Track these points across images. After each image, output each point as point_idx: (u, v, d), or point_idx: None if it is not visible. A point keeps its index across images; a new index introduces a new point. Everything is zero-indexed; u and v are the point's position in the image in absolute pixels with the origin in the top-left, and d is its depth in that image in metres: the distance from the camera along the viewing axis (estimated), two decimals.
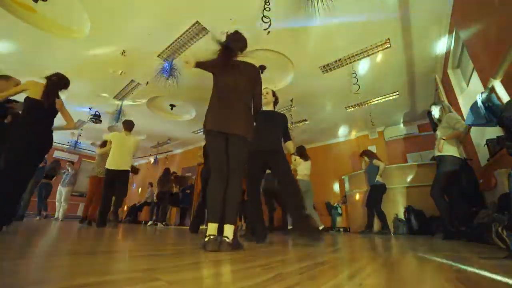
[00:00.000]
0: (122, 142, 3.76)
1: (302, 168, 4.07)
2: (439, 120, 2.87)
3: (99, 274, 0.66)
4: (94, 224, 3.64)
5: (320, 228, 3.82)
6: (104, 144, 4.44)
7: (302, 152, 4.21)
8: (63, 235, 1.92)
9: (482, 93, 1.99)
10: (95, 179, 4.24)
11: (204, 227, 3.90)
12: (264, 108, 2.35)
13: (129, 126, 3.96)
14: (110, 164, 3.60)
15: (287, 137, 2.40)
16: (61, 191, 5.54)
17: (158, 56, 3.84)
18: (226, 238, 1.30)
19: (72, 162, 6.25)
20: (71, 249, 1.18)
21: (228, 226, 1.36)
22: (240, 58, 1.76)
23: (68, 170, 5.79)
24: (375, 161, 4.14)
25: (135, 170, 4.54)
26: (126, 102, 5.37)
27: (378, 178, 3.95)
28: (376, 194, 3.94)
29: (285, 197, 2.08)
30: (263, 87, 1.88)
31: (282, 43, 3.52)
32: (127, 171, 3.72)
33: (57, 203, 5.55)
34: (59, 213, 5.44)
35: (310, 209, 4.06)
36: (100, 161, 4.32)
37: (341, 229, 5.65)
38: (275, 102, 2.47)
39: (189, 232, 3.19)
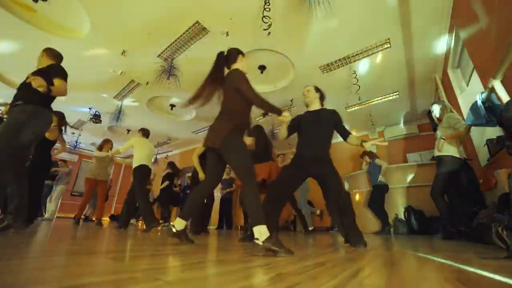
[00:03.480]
0: (147, 145, 3.75)
1: None
2: (439, 119, 2.87)
3: (99, 274, 0.66)
4: (87, 223, 3.63)
5: (310, 229, 3.80)
6: (100, 148, 4.44)
7: None
8: (63, 235, 1.92)
9: (482, 93, 1.99)
10: (91, 181, 4.23)
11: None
12: (309, 108, 2.14)
13: (146, 133, 3.98)
14: (147, 162, 3.61)
15: (347, 132, 2.07)
16: (54, 190, 5.46)
17: (158, 56, 3.84)
18: (256, 240, 1.29)
19: (64, 161, 6.19)
20: (71, 249, 1.18)
21: (254, 228, 1.31)
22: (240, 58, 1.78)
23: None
24: (377, 160, 4.14)
25: None
26: (126, 102, 5.37)
27: (381, 178, 3.94)
28: (379, 194, 3.93)
29: (341, 215, 1.90)
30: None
31: (282, 43, 3.52)
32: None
33: (47, 203, 5.41)
34: (48, 213, 5.32)
35: (304, 206, 4.05)
36: (97, 164, 4.31)
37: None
38: (321, 98, 2.15)
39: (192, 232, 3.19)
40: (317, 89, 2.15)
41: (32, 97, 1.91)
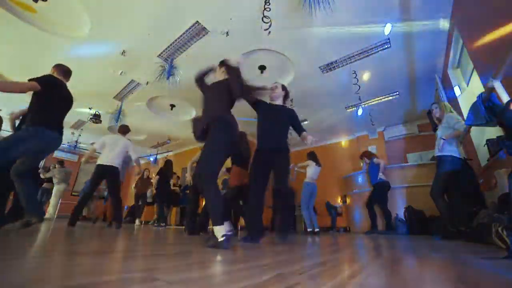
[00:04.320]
0: (114, 143, 3.69)
1: (312, 172, 4.11)
2: (439, 119, 2.87)
3: (99, 274, 0.66)
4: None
5: (316, 230, 3.82)
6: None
7: (314, 158, 4.25)
8: (63, 235, 1.92)
9: (482, 93, 1.99)
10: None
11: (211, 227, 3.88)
12: (274, 102, 2.27)
13: (122, 129, 3.92)
14: (106, 161, 3.57)
15: (302, 130, 2.22)
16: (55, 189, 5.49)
17: (158, 56, 3.84)
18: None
19: (62, 161, 6.19)
20: (71, 249, 1.18)
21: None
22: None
23: (56, 168, 5.73)
24: (375, 159, 4.17)
25: None
26: (126, 102, 5.37)
27: (380, 176, 3.96)
28: (381, 192, 3.93)
29: (278, 200, 2.07)
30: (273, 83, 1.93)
31: (282, 43, 3.52)
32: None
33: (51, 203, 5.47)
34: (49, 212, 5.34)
35: (310, 210, 4.07)
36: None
37: (341, 229, 5.65)
38: (285, 96, 2.32)
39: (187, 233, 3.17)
40: (284, 88, 2.28)
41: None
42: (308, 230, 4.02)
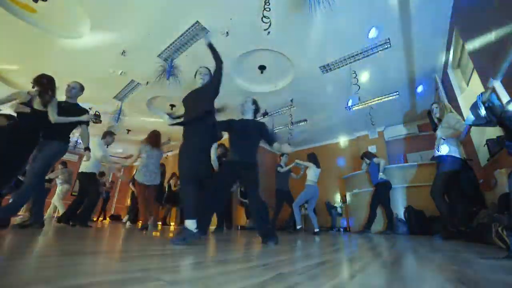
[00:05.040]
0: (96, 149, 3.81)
1: (312, 175, 4.10)
2: (439, 119, 2.86)
3: (99, 274, 0.66)
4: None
5: (316, 230, 3.85)
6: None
7: (314, 159, 4.23)
8: (63, 235, 1.92)
9: (482, 93, 1.99)
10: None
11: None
12: (243, 117, 2.32)
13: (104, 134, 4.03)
14: (85, 169, 3.71)
15: (272, 142, 2.26)
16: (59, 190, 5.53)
17: (158, 56, 3.84)
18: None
19: (64, 162, 6.19)
20: (71, 249, 1.18)
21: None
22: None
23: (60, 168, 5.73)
24: (375, 159, 4.18)
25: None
26: (126, 102, 5.37)
27: (381, 175, 3.96)
28: (383, 192, 3.94)
29: (252, 214, 2.11)
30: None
31: (282, 43, 3.52)
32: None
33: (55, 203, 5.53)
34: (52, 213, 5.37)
35: (310, 212, 4.11)
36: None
37: (341, 229, 5.66)
38: (256, 111, 2.34)
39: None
40: (254, 102, 2.34)
41: None
42: (297, 227, 4.12)
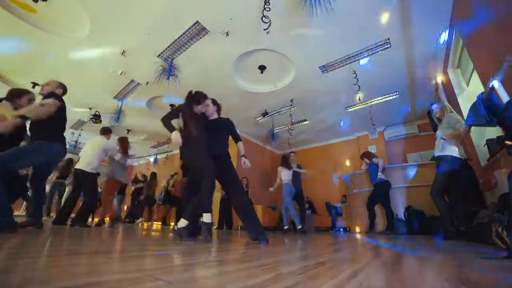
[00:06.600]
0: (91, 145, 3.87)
1: (285, 175, 4.45)
2: (440, 119, 2.86)
3: (99, 274, 0.66)
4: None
5: (298, 227, 4.06)
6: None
7: (285, 162, 4.54)
8: (64, 235, 1.92)
9: (482, 93, 1.99)
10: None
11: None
12: (210, 118, 2.39)
13: (102, 131, 4.08)
14: (79, 165, 3.67)
15: (237, 139, 2.41)
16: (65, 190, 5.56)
17: (158, 56, 3.84)
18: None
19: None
20: (71, 249, 1.18)
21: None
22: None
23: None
24: (374, 159, 4.18)
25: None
26: (126, 102, 5.37)
27: (380, 175, 3.96)
28: (383, 192, 3.93)
29: (238, 212, 2.09)
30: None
31: (282, 43, 3.52)
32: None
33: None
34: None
35: (291, 208, 4.22)
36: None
37: (341, 229, 5.66)
38: (218, 110, 2.44)
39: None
40: (214, 102, 2.41)
41: None
42: (285, 228, 4.43)
